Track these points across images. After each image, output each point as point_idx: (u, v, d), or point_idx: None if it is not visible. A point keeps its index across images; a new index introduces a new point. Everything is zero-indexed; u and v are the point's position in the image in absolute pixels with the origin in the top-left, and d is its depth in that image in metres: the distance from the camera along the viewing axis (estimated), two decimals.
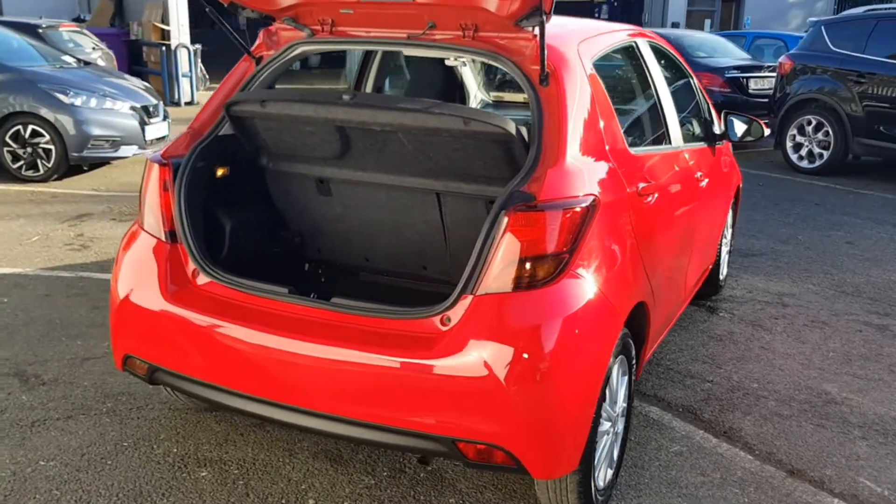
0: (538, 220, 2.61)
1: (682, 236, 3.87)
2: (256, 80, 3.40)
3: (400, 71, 5.03)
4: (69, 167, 8.56)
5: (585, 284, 2.68)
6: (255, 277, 3.23)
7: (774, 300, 5.66)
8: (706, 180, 4.33)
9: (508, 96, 5.80)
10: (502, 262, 2.61)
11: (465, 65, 5.17)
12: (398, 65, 4.98)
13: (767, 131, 4.74)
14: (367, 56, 4.67)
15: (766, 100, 11.45)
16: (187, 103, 15.11)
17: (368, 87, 4.69)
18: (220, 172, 3.38)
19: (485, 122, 2.81)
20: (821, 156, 10.20)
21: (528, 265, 2.60)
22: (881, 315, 5.43)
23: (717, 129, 4.73)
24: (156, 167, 3.20)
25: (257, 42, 3.47)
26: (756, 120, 4.76)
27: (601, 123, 3.04)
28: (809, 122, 10.27)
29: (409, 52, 3.50)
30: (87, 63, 10.22)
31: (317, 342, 2.75)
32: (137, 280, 3.13)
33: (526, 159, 2.91)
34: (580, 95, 2.97)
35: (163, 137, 9.26)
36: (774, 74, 11.33)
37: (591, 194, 2.76)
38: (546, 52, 2.83)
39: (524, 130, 2.90)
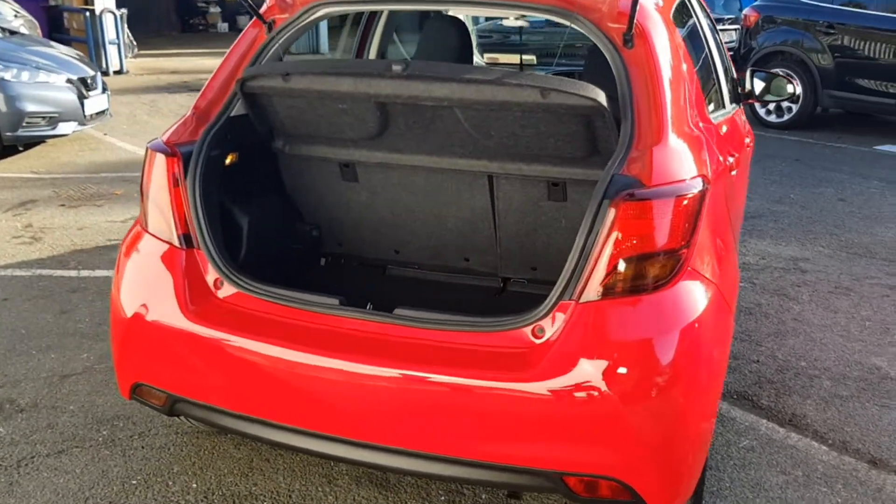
0: (651, 211, 2.21)
1: (742, 207, 3.53)
2: (269, 49, 2.88)
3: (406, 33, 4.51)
4: (3, 148, 7.75)
5: (703, 283, 2.30)
6: (274, 279, 2.77)
7: (791, 266, 5.42)
8: (748, 143, 4.00)
9: (504, 58, 5.35)
10: (610, 262, 2.20)
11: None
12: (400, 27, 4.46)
13: (794, 89, 4.40)
14: (370, 18, 4.14)
15: (729, 53, 11.21)
16: (116, 72, 14.10)
17: (373, 53, 4.18)
18: (229, 159, 2.87)
19: (568, 93, 2.38)
20: (789, 109, 10.05)
21: (640, 265, 2.20)
22: None
23: (742, 87, 4.38)
24: (161, 158, 2.67)
25: (268, 3, 2.94)
26: (780, 75, 4.43)
27: (689, 89, 2.63)
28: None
29: (456, 10, 3.01)
30: (12, 32, 9.29)
31: (380, 364, 2.31)
32: (148, 294, 2.61)
33: (606, 135, 2.49)
34: (670, 57, 2.55)
35: (103, 111, 8.50)
36: (737, 27, 11.09)
37: (701, 175, 2.36)
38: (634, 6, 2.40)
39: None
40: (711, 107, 3.44)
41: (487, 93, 2.46)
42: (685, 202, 2.24)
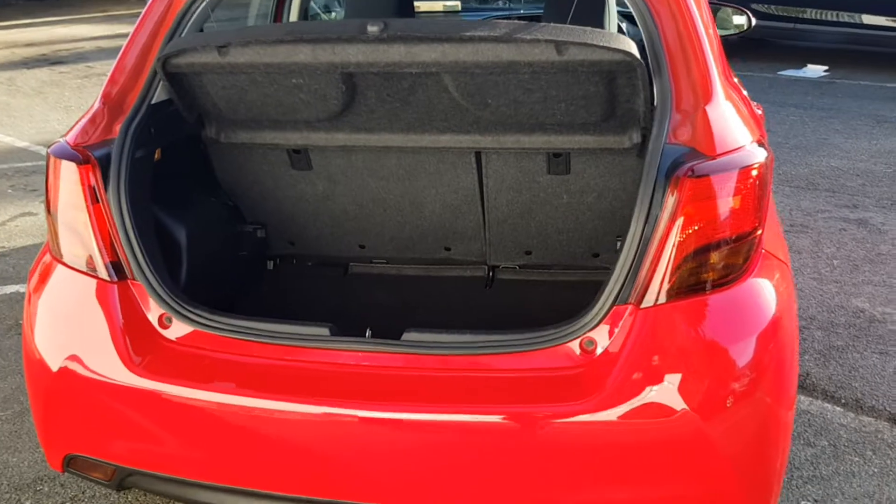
0: (721, 188, 1.80)
1: None
2: (191, 14, 2.28)
3: None
4: None
5: (777, 266, 1.93)
6: (220, 300, 2.27)
7: None
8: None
9: (425, 6, 4.81)
10: (677, 255, 1.79)
11: None
12: None
13: (749, 21, 4.09)
14: None
15: None
16: None
17: (294, 13, 3.58)
18: (156, 156, 2.29)
19: (593, 47, 1.92)
20: None
21: (712, 255, 1.81)
22: (851, 208, 5.13)
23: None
24: (69, 167, 2.06)
25: None
26: (727, 4, 4.11)
27: (716, 37, 2.23)
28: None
29: None
30: None
31: (391, 408, 1.85)
32: (76, 343, 2.05)
33: (630, 94, 2.07)
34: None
35: None
36: None
37: (759, 141, 1.97)
38: None
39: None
40: None
41: (489, 53, 1.98)
42: (753, 173, 1.85)
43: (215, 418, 1.94)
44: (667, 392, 1.76)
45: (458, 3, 4.82)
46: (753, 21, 4.12)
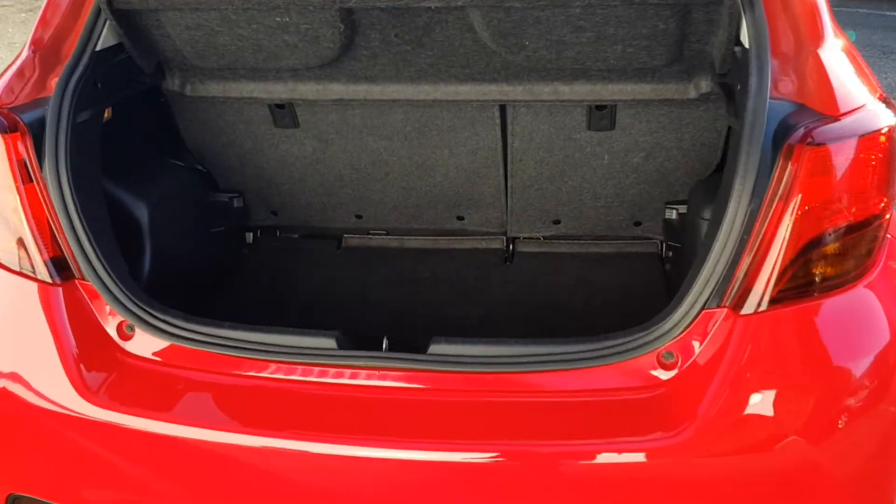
0: (844, 159, 1.39)
1: None
2: None
3: None
4: None
5: None
6: (193, 288, 1.89)
7: None
8: None
9: None
10: (790, 246, 1.39)
11: None
12: None
13: None
14: None
15: None
16: None
17: None
18: (104, 116, 1.83)
19: None
20: None
21: (832, 246, 1.41)
22: None
23: None
24: None
25: None
26: None
27: None
28: None
29: None
30: None
31: (415, 445, 1.45)
32: (14, 359, 1.64)
33: (705, 32, 1.65)
34: None
35: None
36: None
37: (883, 97, 1.56)
38: None
39: None
40: None
41: None
42: (882, 139, 1.44)
43: (191, 457, 1.53)
44: (773, 419, 1.39)
45: None
46: None
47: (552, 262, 2.36)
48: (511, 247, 2.41)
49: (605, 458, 1.43)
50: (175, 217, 2.04)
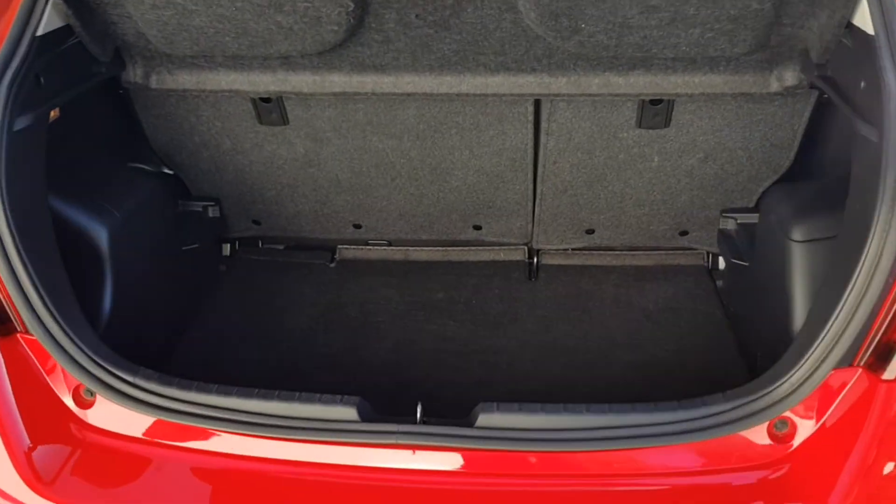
0: None
1: None
2: None
3: None
4: None
5: None
6: (159, 321, 1.63)
7: None
8: None
9: None
10: None
11: None
12: None
13: None
14: None
15: None
16: None
17: None
18: (51, 116, 1.45)
19: None
20: None
21: None
22: None
23: None
24: None
25: None
26: None
27: None
28: None
29: None
30: None
31: None
32: None
33: (805, 12, 1.34)
34: None
35: None
36: None
37: None
38: None
39: None
40: None
41: None
42: None
43: None
44: None
45: None
46: None
47: (584, 278, 2.04)
48: (535, 259, 2.09)
49: None
50: (140, 237, 1.68)
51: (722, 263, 2.02)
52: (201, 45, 1.53)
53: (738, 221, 1.86)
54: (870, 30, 1.23)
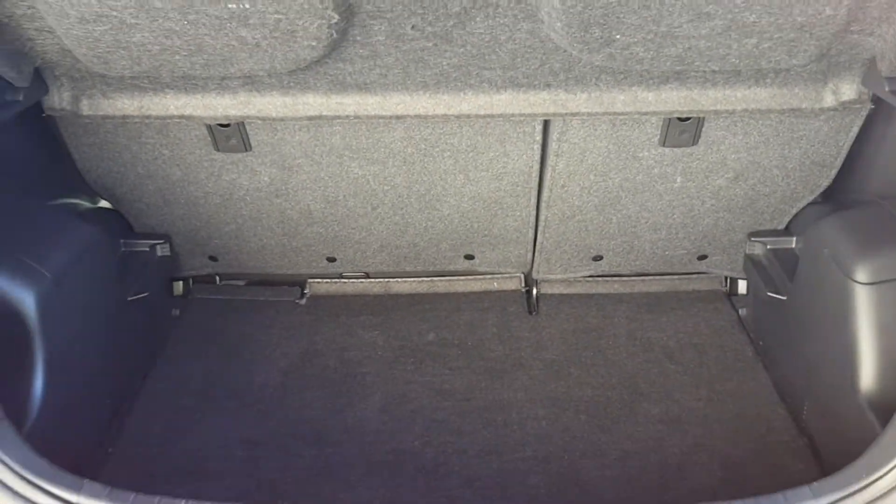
0: None
1: None
2: None
3: None
4: None
5: None
6: (101, 406, 1.40)
7: None
8: None
9: None
10: None
11: None
12: None
13: None
14: None
15: None
16: None
17: None
18: None
19: None
20: None
21: None
22: None
23: None
24: None
25: None
26: None
27: None
28: None
29: None
30: None
31: None
32: None
33: (866, 20, 1.13)
34: None
35: None
36: None
37: None
38: None
39: None
40: None
41: None
42: None
43: None
44: None
45: None
46: None
47: (591, 310, 1.81)
48: (534, 290, 1.85)
49: None
50: (76, 297, 1.38)
51: (742, 288, 1.82)
52: (144, 64, 1.23)
53: (769, 247, 1.65)
54: None
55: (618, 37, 1.16)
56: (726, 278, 1.85)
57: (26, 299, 1.25)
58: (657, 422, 1.49)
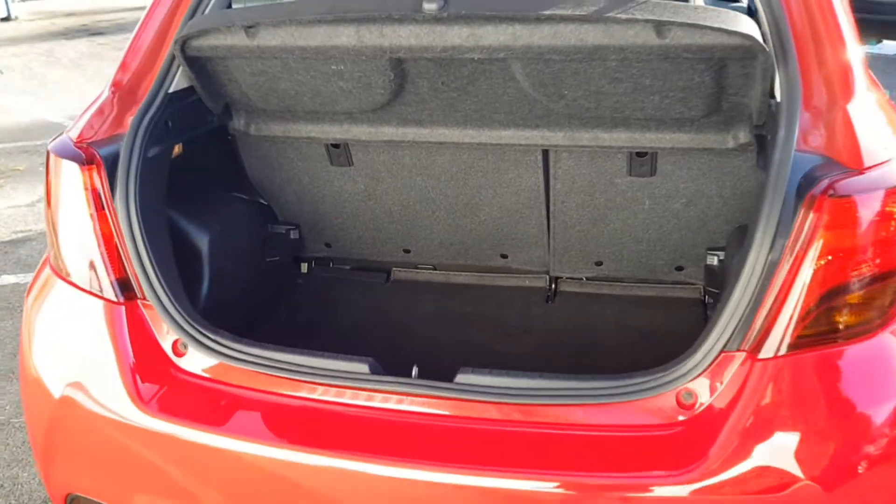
0: (867, 211, 1.43)
1: None
2: None
3: None
4: None
5: None
6: (249, 313, 2.04)
7: None
8: None
9: None
10: (809, 294, 1.43)
11: None
12: None
13: None
14: None
15: None
16: (3, 19, 12.50)
17: None
18: (175, 152, 1.98)
19: (703, 29, 1.56)
20: None
21: (852, 296, 1.45)
22: None
23: None
24: (71, 168, 1.76)
25: None
26: None
27: (851, 15, 1.84)
28: None
29: None
30: None
31: (440, 467, 1.53)
32: (78, 373, 1.76)
33: (743, 85, 1.71)
34: None
35: None
36: None
37: None
38: None
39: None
40: None
41: (571, 36, 1.62)
42: None
43: (232, 467, 1.64)
44: (786, 462, 1.42)
45: None
46: None
47: (594, 303, 2.41)
48: (554, 286, 2.48)
49: (614, 490, 1.47)
50: (233, 247, 2.18)
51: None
52: (286, 102, 2.05)
53: (719, 258, 2.20)
54: (780, 98, 1.61)
55: (566, 92, 1.83)
56: (704, 288, 2.39)
57: (203, 239, 2.07)
58: (608, 369, 2.05)
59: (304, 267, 2.64)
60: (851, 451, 1.44)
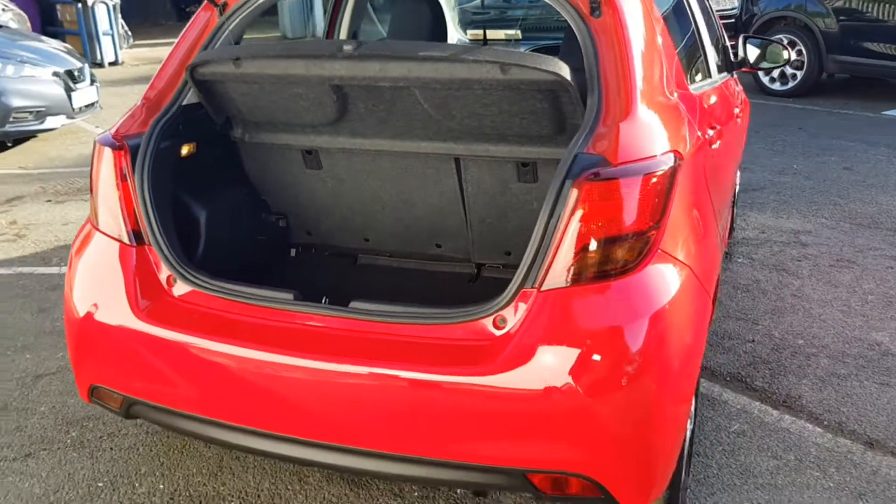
0: (616, 191, 2.07)
1: (728, 181, 3.38)
2: (221, 33, 2.74)
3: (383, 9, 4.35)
4: None
5: (674, 267, 2.16)
6: (238, 274, 2.66)
7: (791, 239, 5.26)
8: (738, 113, 3.84)
9: (490, 34, 5.18)
10: (573, 246, 2.06)
11: None
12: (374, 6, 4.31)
13: (789, 55, 4.23)
14: None
15: (731, 20, 10.95)
16: (111, 63, 14.01)
17: (343, 32, 4.03)
18: (185, 150, 2.75)
19: (529, 68, 2.23)
20: (794, 77, 9.77)
21: (606, 249, 2.07)
22: None
23: (735, 55, 4.21)
24: (108, 152, 2.55)
25: None
26: (774, 41, 4.25)
27: (665, 59, 2.48)
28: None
29: None
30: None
31: (334, 360, 2.19)
32: (99, 294, 2.51)
33: (573, 111, 2.35)
34: (641, 25, 2.40)
35: (93, 104, 8.38)
36: None
37: (672, 150, 2.22)
38: None
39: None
40: (698, 77, 3.28)
41: (445, 71, 2.32)
42: (654, 180, 2.10)
43: (200, 360, 2.34)
44: (553, 365, 2.03)
45: (519, 33, 5.15)
46: (792, 55, 4.28)
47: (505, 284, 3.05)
48: (478, 271, 3.13)
49: (443, 378, 2.10)
50: (227, 222, 2.93)
51: None
52: (268, 116, 2.80)
53: None
54: (585, 118, 2.26)
55: (454, 113, 2.52)
56: None
57: (201, 215, 2.82)
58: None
59: (293, 252, 3.37)
60: (609, 363, 2.04)
